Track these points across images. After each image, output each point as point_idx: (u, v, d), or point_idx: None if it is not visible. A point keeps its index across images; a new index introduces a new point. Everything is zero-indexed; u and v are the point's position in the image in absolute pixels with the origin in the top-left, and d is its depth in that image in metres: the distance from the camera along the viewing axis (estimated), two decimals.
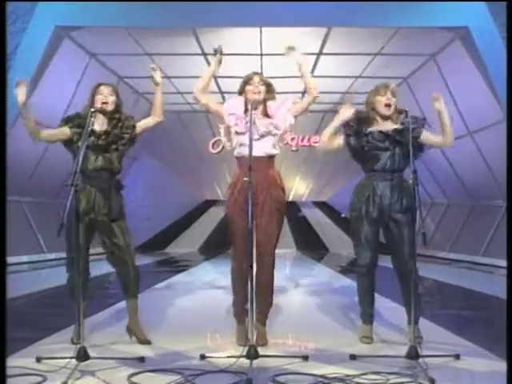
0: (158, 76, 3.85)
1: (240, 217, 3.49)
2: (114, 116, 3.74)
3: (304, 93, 13.31)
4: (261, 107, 3.69)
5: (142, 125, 3.84)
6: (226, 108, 3.75)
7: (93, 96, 3.71)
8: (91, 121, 3.38)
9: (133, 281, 3.72)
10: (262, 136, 3.60)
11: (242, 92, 3.70)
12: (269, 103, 3.72)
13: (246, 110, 3.67)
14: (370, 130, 3.71)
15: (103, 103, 3.68)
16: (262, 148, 3.59)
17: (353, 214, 3.77)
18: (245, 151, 3.48)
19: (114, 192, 3.71)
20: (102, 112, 3.69)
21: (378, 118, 3.74)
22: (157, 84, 3.85)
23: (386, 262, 3.83)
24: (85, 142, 3.29)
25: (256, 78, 3.67)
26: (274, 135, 3.64)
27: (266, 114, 3.70)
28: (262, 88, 3.66)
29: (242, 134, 3.62)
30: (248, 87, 3.65)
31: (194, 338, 3.86)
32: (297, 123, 3.79)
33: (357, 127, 3.74)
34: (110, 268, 3.83)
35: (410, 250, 3.55)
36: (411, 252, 3.50)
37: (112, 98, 3.72)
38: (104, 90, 3.71)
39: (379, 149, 3.67)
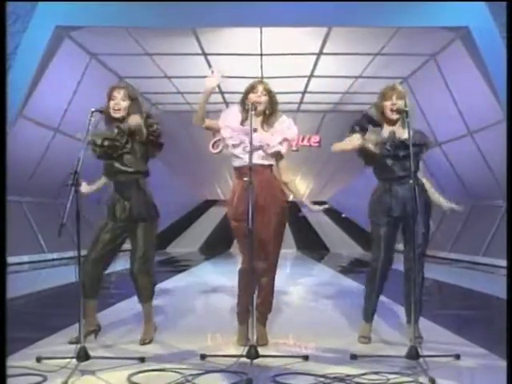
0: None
1: (242, 223, 3.48)
2: (122, 123, 3.70)
3: (304, 92, 13.28)
4: (260, 118, 3.67)
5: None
6: (221, 119, 3.75)
7: (108, 100, 3.70)
8: (91, 121, 3.38)
9: (140, 286, 3.77)
10: (256, 149, 3.59)
11: (245, 99, 3.65)
12: (282, 119, 3.70)
13: (242, 121, 3.66)
14: (386, 137, 3.71)
15: (115, 110, 3.66)
16: (257, 158, 3.58)
17: (373, 218, 3.79)
18: (241, 162, 3.61)
19: (136, 193, 3.73)
20: (113, 118, 3.68)
21: (386, 122, 3.76)
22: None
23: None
24: (84, 143, 3.29)
25: (260, 87, 3.65)
26: (265, 152, 3.63)
27: (264, 126, 3.67)
28: (265, 98, 3.64)
29: (237, 146, 3.64)
30: (251, 95, 3.63)
31: (195, 337, 3.87)
32: (297, 123, 3.79)
33: (372, 134, 3.74)
34: (110, 268, 3.84)
35: (417, 250, 3.60)
36: (418, 252, 3.55)
37: (124, 104, 3.68)
38: (116, 95, 3.67)
39: (395, 157, 3.69)
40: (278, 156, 3.70)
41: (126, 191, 3.71)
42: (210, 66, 10.14)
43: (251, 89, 3.66)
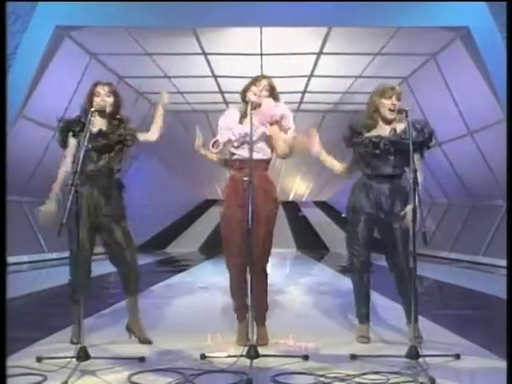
0: (165, 97, 3.83)
1: (235, 216, 3.52)
2: (114, 117, 3.72)
3: (304, 92, 13.29)
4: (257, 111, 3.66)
5: (140, 136, 3.86)
6: (219, 121, 3.78)
7: (91, 96, 3.67)
8: (91, 121, 3.37)
9: (133, 280, 3.73)
10: (242, 143, 3.60)
11: (246, 91, 3.66)
12: (264, 102, 3.64)
13: (240, 118, 3.67)
14: (367, 135, 3.72)
15: (100, 106, 3.64)
16: (256, 151, 3.57)
17: (349, 213, 3.81)
18: (236, 157, 3.65)
19: (115, 192, 3.71)
20: (100, 113, 3.68)
21: (380, 121, 3.74)
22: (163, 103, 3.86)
23: (384, 260, 3.84)
24: (85, 142, 3.28)
25: (264, 82, 3.64)
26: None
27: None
28: (265, 93, 3.63)
29: (236, 146, 3.66)
30: (253, 87, 3.63)
31: (195, 337, 3.86)
32: (297, 123, 3.79)
33: (356, 133, 3.75)
34: (110, 268, 3.84)
35: (403, 250, 3.60)
36: (405, 252, 3.58)
37: (110, 100, 3.68)
38: (101, 91, 3.66)
39: (375, 156, 3.69)
40: (268, 138, 3.63)
41: (108, 190, 3.67)
42: (210, 65, 10.15)
43: (254, 81, 3.65)
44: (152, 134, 3.89)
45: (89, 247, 3.65)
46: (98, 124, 3.69)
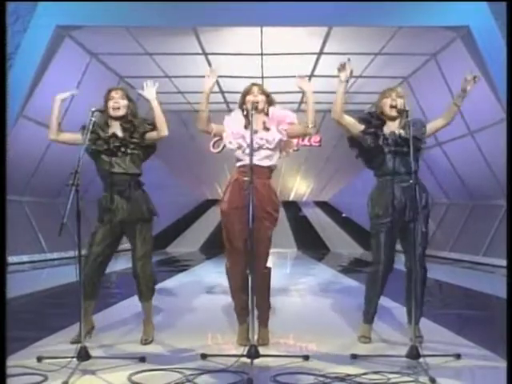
0: (148, 93, 3.83)
1: (234, 215, 3.55)
2: (126, 120, 3.77)
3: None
4: (261, 119, 3.69)
5: (148, 136, 3.82)
6: (225, 124, 3.80)
7: (105, 102, 3.76)
8: (91, 121, 3.40)
9: (142, 286, 3.76)
10: (257, 149, 3.60)
11: (242, 103, 3.72)
12: (271, 110, 3.74)
13: (245, 126, 3.69)
14: (385, 131, 3.76)
15: (115, 109, 3.73)
16: (258, 158, 3.60)
17: (373, 219, 3.78)
18: (242, 163, 3.63)
19: (133, 194, 3.72)
20: (115, 117, 3.72)
21: (386, 121, 3.82)
22: (148, 100, 3.82)
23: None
24: (85, 141, 3.30)
25: (255, 89, 3.73)
26: (267, 149, 3.66)
27: (264, 127, 3.69)
28: (262, 97, 3.70)
29: (237, 149, 3.68)
30: (248, 97, 3.69)
31: (195, 337, 3.87)
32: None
33: (372, 128, 3.79)
34: (111, 267, 3.85)
35: (422, 251, 3.66)
36: (422, 254, 3.63)
37: (123, 103, 3.77)
38: (114, 95, 3.76)
39: (394, 152, 3.71)
40: (286, 144, 3.74)
41: (125, 192, 3.71)
42: (210, 65, 10.16)
43: (247, 91, 3.73)
44: (160, 132, 3.83)
45: (105, 248, 3.70)
46: (115, 128, 3.75)
